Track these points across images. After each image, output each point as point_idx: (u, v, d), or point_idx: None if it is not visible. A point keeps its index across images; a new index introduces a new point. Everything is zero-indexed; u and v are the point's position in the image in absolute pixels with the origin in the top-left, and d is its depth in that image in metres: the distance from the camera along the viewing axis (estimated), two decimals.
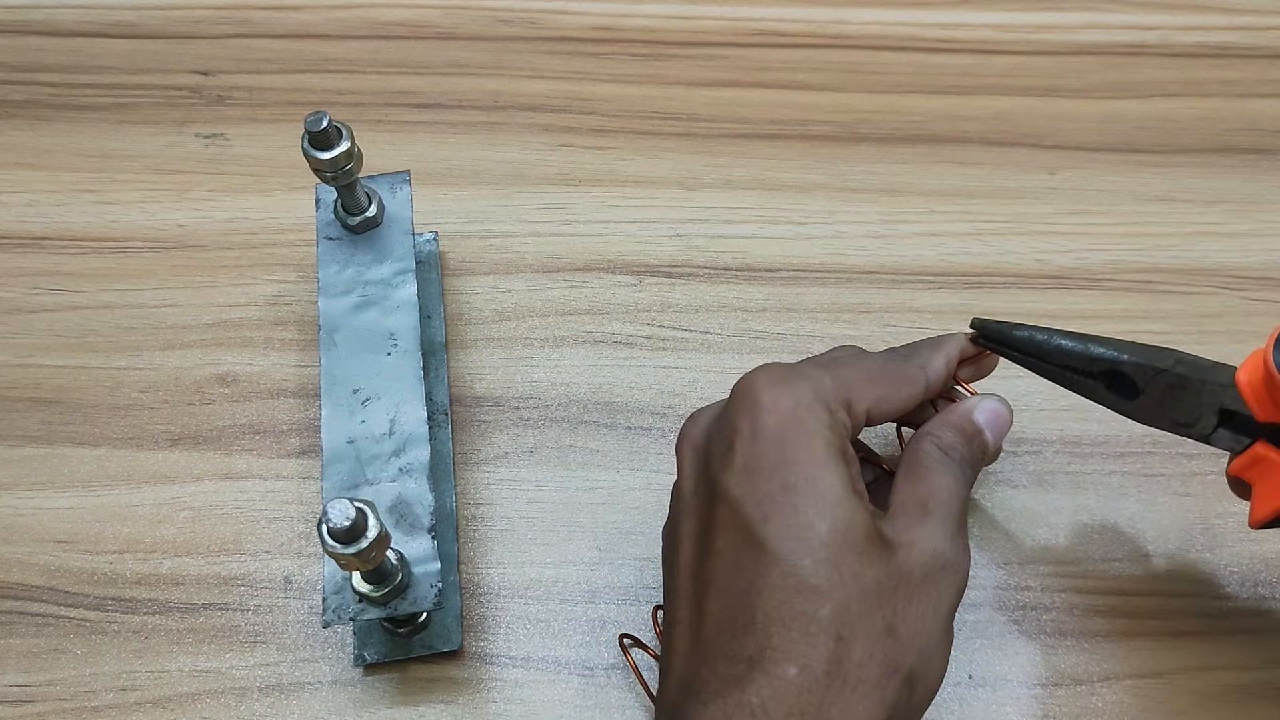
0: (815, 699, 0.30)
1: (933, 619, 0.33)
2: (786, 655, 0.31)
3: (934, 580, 0.33)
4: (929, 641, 0.33)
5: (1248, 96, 0.57)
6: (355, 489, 0.39)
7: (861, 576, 0.32)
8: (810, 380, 0.34)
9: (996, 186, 0.54)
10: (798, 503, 0.32)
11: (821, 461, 0.33)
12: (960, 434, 0.37)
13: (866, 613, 0.31)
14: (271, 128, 0.56)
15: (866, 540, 0.32)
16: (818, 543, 0.32)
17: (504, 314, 0.50)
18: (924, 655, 0.32)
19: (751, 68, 0.58)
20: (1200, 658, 0.42)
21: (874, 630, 0.31)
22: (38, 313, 0.50)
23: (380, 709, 0.42)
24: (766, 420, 0.33)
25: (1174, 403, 0.37)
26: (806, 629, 0.31)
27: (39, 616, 0.44)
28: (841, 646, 0.31)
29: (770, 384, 0.34)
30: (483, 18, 0.59)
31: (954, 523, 0.34)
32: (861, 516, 0.33)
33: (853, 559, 0.32)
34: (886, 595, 0.32)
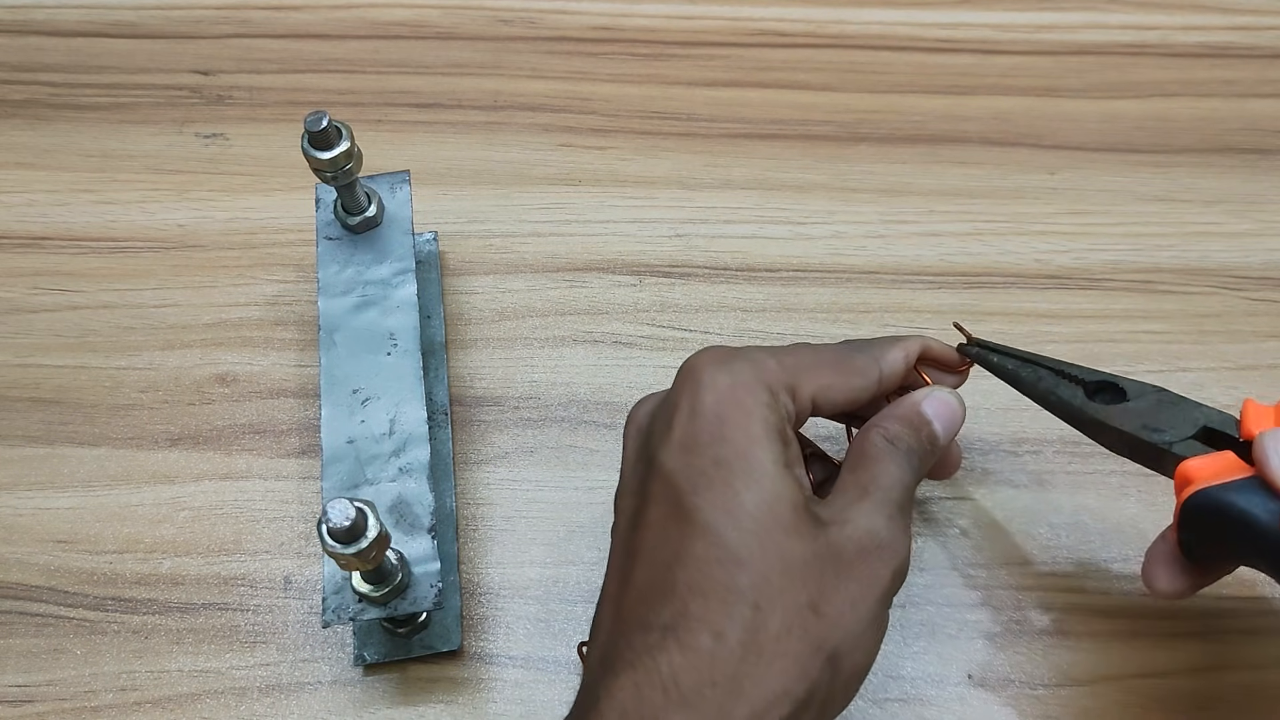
0: (729, 669, 0.30)
1: (863, 600, 0.32)
2: (702, 623, 0.31)
3: (866, 560, 0.33)
4: (858, 622, 0.32)
5: (1248, 96, 0.57)
6: (355, 489, 0.39)
7: (787, 551, 0.32)
8: (752, 362, 0.35)
9: (996, 186, 0.54)
10: (728, 477, 0.32)
11: (755, 438, 0.33)
12: (906, 424, 0.36)
13: (789, 587, 0.31)
14: (271, 128, 0.56)
15: (795, 516, 0.32)
16: (744, 515, 0.32)
17: (504, 314, 0.50)
18: (851, 635, 0.32)
19: (751, 68, 0.58)
20: (1200, 658, 0.42)
21: (796, 604, 0.31)
22: (38, 313, 0.50)
23: (380, 709, 0.42)
24: (705, 398, 0.34)
25: (1158, 413, 0.37)
26: (725, 598, 0.31)
27: (39, 616, 0.44)
28: (759, 616, 0.31)
29: (711, 364, 0.34)
30: (482, 18, 0.59)
31: (892, 506, 0.34)
32: (791, 492, 0.32)
33: (779, 534, 0.32)
34: (813, 572, 0.32)
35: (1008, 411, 0.47)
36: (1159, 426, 0.36)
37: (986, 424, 0.47)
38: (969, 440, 0.47)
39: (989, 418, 0.47)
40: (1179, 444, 0.36)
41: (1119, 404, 0.37)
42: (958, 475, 0.46)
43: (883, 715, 0.42)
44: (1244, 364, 0.49)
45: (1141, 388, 0.38)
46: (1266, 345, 0.49)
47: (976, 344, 0.41)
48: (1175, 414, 0.36)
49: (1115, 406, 0.37)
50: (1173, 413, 0.37)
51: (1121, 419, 0.37)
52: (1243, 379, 0.48)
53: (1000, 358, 0.40)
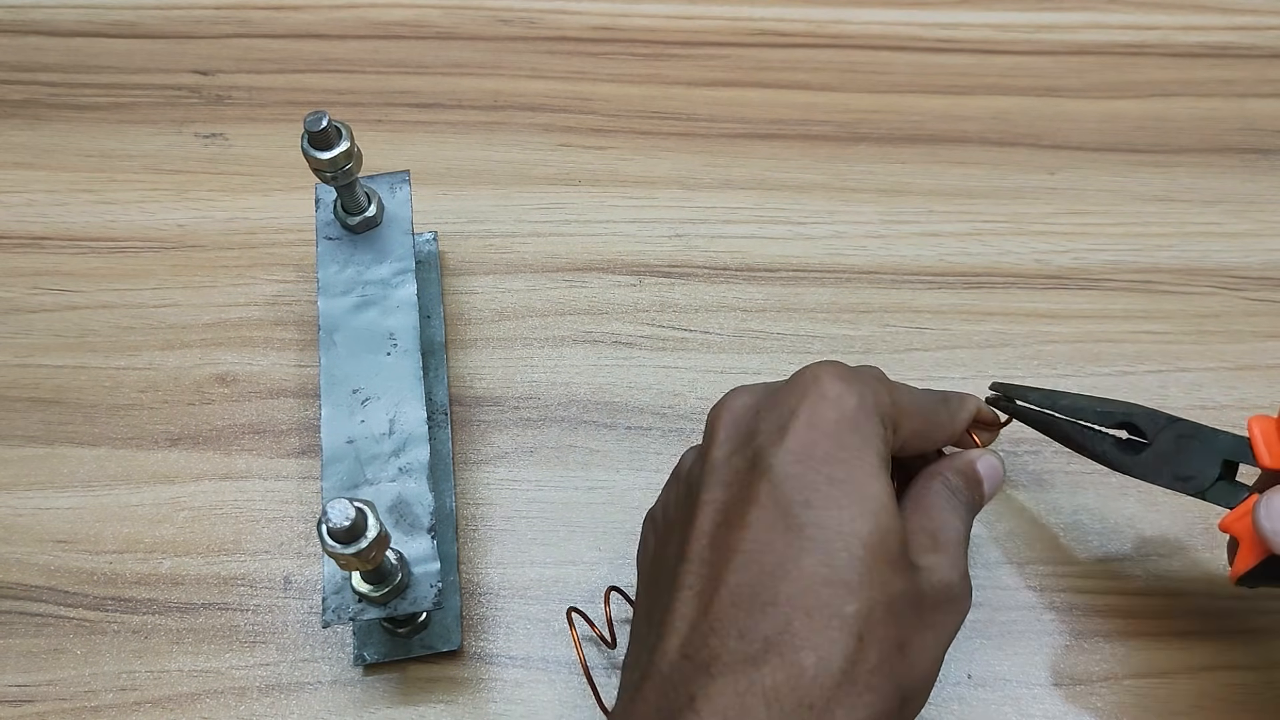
0: (826, 694, 0.30)
1: (934, 647, 0.33)
2: (806, 643, 0.30)
3: (943, 609, 0.34)
4: (928, 669, 0.33)
5: (1248, 96, 0.57)
6: (355, 489, 0.39)
7: (889, 586, 0.32)
8: (874, 389, 0.35)
9: (996, 186, 0.54)
10: (842, 498, 0.32)
11: (871, 468, 0.33)
12: (966, 479, 0.38)
13: (886, 622, 0.31)
14: (271, 128, 0.55)
15: (900, 553, 0.32)
16: (856, 540, 0.31)
17: (504, 314, 0.50)
18: (922, 680, 0.33)
19: (751, 68, 0.58)
20: (1200, 658, 0.42)
21: (890, 642, 0.31)
22: (37, 313, 0.50)
23: (380, 709, 0.42)
24: (827, 412, 0.33)
25: (1180, 454, 0.38)
26: (829, 621, 0.31)
27: (39, 616, 0.44)
28: (861, 647, 0.31)
29: (837, 379, 0.34)
30: (482, 18, 0.59)
31: (963, 560, 0.35)
32: (899, 529, 0.33)
33: (885, 568, 0.32)
34: (905, 612, 0.32)
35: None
36: (1185, 474, 0.38)
37: None
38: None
39: None
40: (1210, 490, 0.37)
41: (1143, 453, 0.39)
42: None
43: None
44: (1243, 364, 0.49)
45: (1155, 420, 0.38)
46: (1266, 345, 0.49)
47: (1007, 404, 0.42)
48: (1196, 454, 0.38)
49: (1141, 457, 0.39)
50: (1192, 453, 0.38)
51: (1150, 471, 0.39)
52: (1242, 379, 0.48)
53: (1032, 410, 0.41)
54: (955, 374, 0.49)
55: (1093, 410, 0.40)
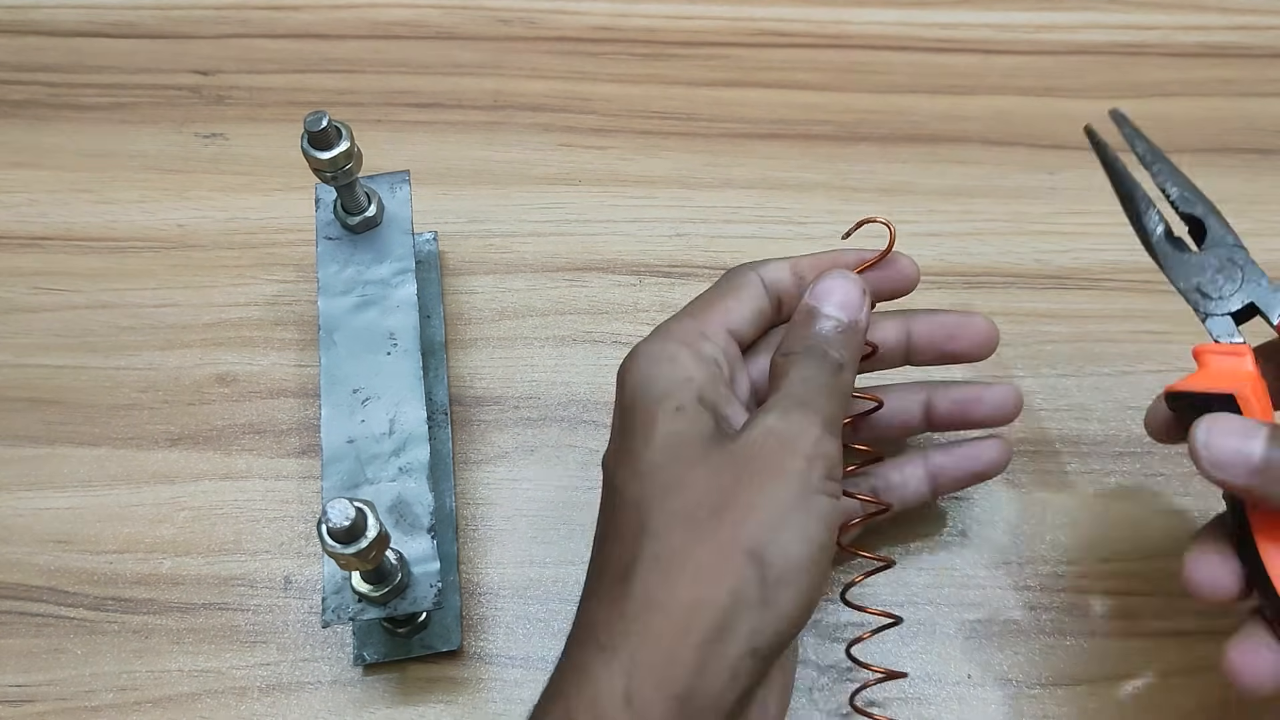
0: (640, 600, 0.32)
1: (772, 491, 0.32)
2: (611, 568, 0.33)
3: (768, 454, 0.33)
4: (771, 512, 0.32)
5: (1248, 96, 0.57)
6: (355, 489, 0.39)
7: (686, 478, 0.33)
8: (663, 331, 0.37)
9: (996, 186, 0.54)
10: (633, 444, 0.35)
11: (656, 398, 0.35)
12: (796, 328, 0.37)
13: (688, 508, 0.32)
14: (271, 127, 0.55)
15: (701, 445, 0.34)
16: (642, 466, 0.34)
17: (504, 314, 0.50)
18: (767, 527, 0.32)
19: (751, 68, 0.58)
20: (1200, 658, 0.42)
21: (695, 518, 0.32)
22: (37, 313, 0.50)
23: (380, 709, 0.42)
24: (624, 393, 0.36)
25: (1218, 273, 0.38)
26: (627, 539, 0.33)
27: (38, 616, 0.44)
28: (659, 541, 0.32)
29: (629, 357, 0.37)
30: (483, 18, 0.59)
31: (791, 402, 0.34)
32: (695, 427, 0.34)
33: (680, 468, 0.33)
34: (715, 484, 0.33)
35: None
36: (1209, 292, 0.38)
37: None
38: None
39: None
40: (1213, 319, 0.37)
41: (1189, 253, 0.38)
42: None
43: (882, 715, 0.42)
44: None
45: (1223, 236, 0.38)
46: None
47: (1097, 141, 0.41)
48: (1233, 279, 0.37)
49: (1184, 255, 0.38)
50: (1231, 277, 0.37)
51: (1181, 272, 0.38)
52: None
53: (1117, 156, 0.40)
54: (955, 374, 0.49)
55: (1178, 190, 0.39)
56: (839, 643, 0.42)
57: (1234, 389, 0.35)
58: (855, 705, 0.40)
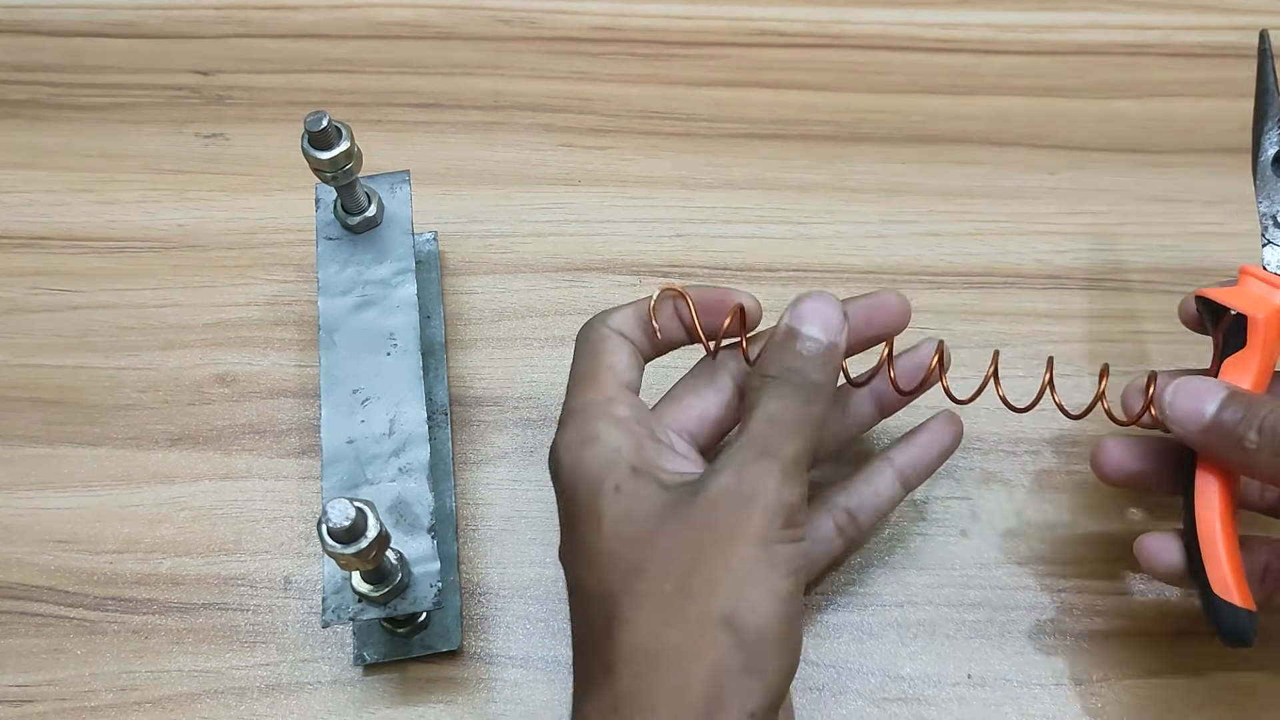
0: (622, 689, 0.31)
1: (733, 553, 0.32)
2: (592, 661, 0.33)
3: (725, 516, 0.32)
4: (736, 575, 0.31)
5: (1248, 96, 0.57)
6: (355, 489, 0.39)
7: (643, 558, 0.32)
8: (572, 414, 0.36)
9: (996, 186, 0.54)
10: (579, 533, 0.35)
11: (591, 486, 0.34)
12: (774, 349, 0.35)
13: (653, 589, 0.32)
14: (271, 128, 0.55)
15: (644, 524, 0.33)
16: (601, 559, 0.33)
17: (504, 314, 0.50)
18: (734, 590, 0.31)
19: (751, 68, 0.58)
20: (1200, 658, 0.42)
21: (663, 597, 0.32)
22: (38, 313, 0.50)
23: (380, 709, 0.42)
24: (559, 483, 0.36)
25: None
26: (600, 629, 0.33)
27: (39, 616, 0.44)
28: (630, 629, 0.32)
29: (552, 452, 0.36)
30: (483, 18, 0.59)
31: (750, 451, 0.33)
32: (637, 505, 0.33)
33: (632, 549, 0.33)
34: (674, 557, 0.32)
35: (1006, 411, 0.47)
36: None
37: (986, 424, 0.47)
38: (969, 440, 0.47)
39: (989, 417, 0.47)
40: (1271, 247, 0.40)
41: None
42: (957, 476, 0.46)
43: (882, 715, 0.42)
44: None
45: None
46: None
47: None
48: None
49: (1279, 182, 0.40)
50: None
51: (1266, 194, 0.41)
52: None
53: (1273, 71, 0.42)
54: (955, 374, 0.48)
55: None
56: None
57: (1253, 313, 0.38)
58: None
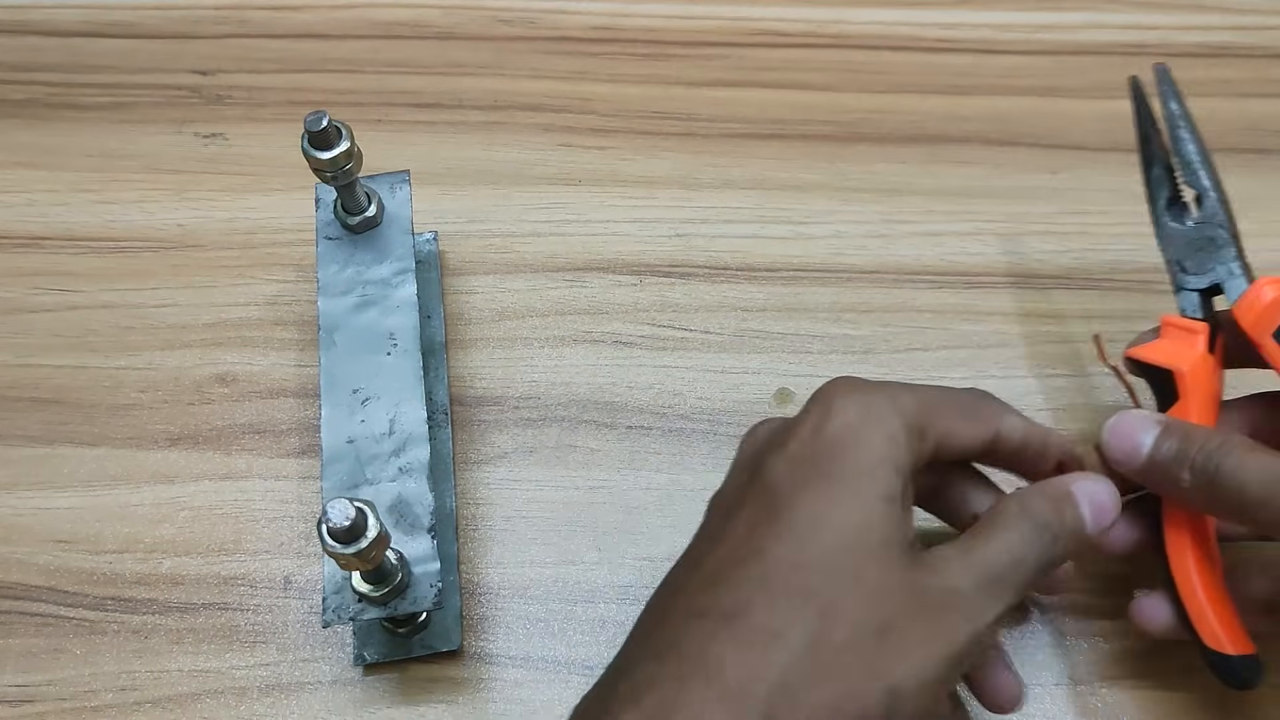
0: (780, 671, 0.30)
1: (931, 648, 0.31)
2: (763, 619, 0.31)
3: (945, 612, 0.32)
4: (923, 667, 0.31)
5: (1248, 96, 0.57)
6: (355, 489, 0.39)
7: (866, 574, 0.31)
8: (887, 394, 0.34)
9: (996, 186, 0.54)
10: (828, 489, 0.32)
11: (869, 467, 0.32)
12: (1047, 498, 0.35)
13: (860, 608, 0.31)
14: (271, 127, 0.55)
15: (885, 548, 0.32)
16: (832, 528, 0.31)
17: (504, 314, 0.50)
18: (915, 676, 0.31)
19: (751, 68, 0.58)
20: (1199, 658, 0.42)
21: (863, 626, 0.31)
22: (38, 313, 0.50)
23: (380, 709, 0.42)
24: (832, 421, 0.33)
25: (1201, 250, 0.40)
26: (792, 601, 0.31)
27: (39, 616, 0.44)
28: (823, 626, 0.30)
29: (846, 390, 0.34)
30: (483, 18, 0.59)
31: (990, 573, 0.32)
32: (888, 526, 0.32)
33: (862, 556, 0.31)
34: (889, 602, 0.31)
35: None
36: (1186, 267, 0.40)
37: None
38: None
39: None
40: (1183, 293, 0.40)
41: (1180, 222, 0.41)
42: None
43: None
44: None
45: (1213, 214, 0.40)
46: None
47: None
48: (1209, 259, 0.39)
49: (1177, 226, 0.41)
50: (1208, 257, 0.39)
51: (1168, 242, 0.41)
52: (1242, 379, 0.48)
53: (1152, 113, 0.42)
54: (955, 374, 0.49)
55: (1187, 159, 0.41)
56: None
57: (1177, 366, 0.38)
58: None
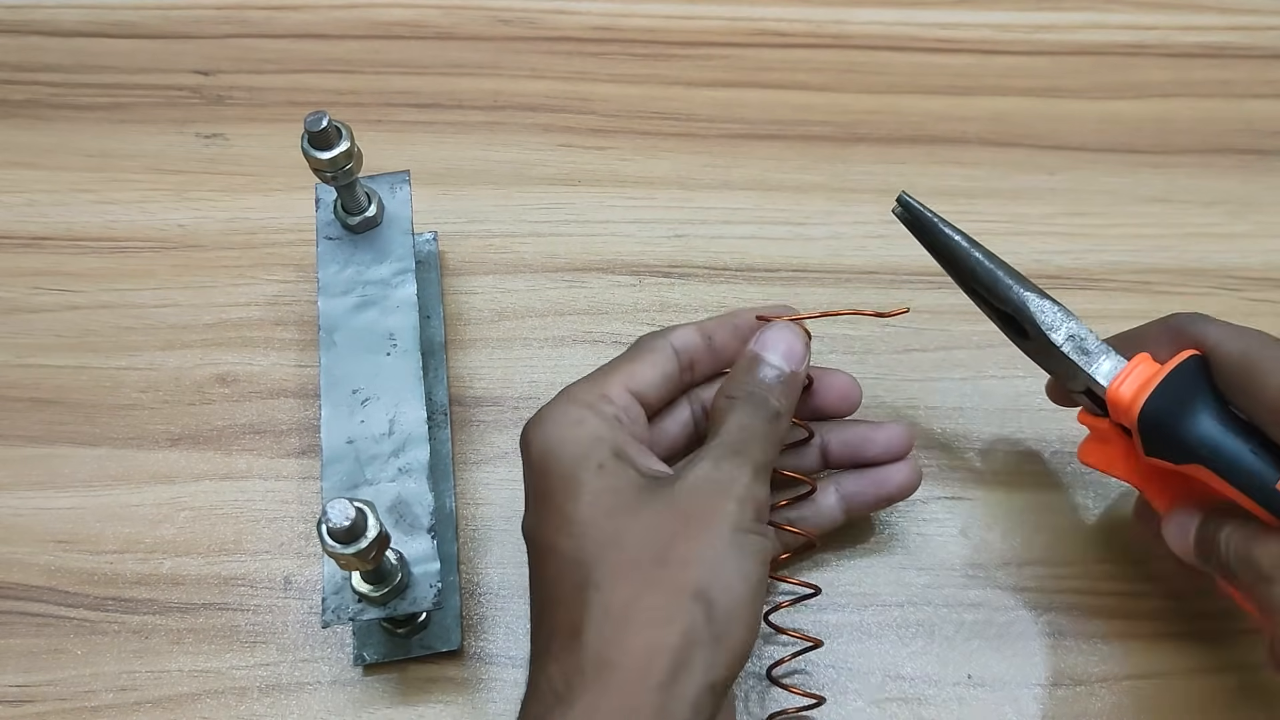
0: (593, 652, 0.32)
1: (710, 534, 0.34)
2: (561, 627, 0.34)
3: (701, 499, 0.35)
4: (712, 554, 0.33)
5: (1246, 97, 0.57)
6: (355, 489, 0.39)
7: (622, 530, 0.34)
8: (564, 395, 0.38)
9: (996, 187, 0.54)
10: (557, 503, 0.36)
11: (574, 458, 0.36)
12: (740, 372, 0.38)
13: (627, 556, 0.34)
14: (271, 128, 0.55)
15: (632, 497, 0.35)
16: (574, 523, 0.35)
17: (503, 314, 0.50)
18: (709, 568, 0.33)
19: (751, 68, 0.58)
20: (1199, 658, 0.43)
21: (638, 566, 0.33)
22: (38, 313, 0.50)
23: (380, 709, 0.42)
24: (531, 455, 0.37)
25: (1055, 363, 0.39)
26: (573, 596, 0.34)
27: (39, 616, 0.44)
28: (603, 594, 0.33)
29: (531, 423, 0.38)
30: (483, 18, 0.59)
31: (725, 449, 0.36)
32: (621, 480, 0.35)
33: (612, 520, 0.34)
34: (654, 532, 0.34)
35: (1005, 412, 0.48)
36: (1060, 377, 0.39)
37: (985, 424, 0.47)
38: (968, 440, 0.47)
39: (987, 418, 0.47)
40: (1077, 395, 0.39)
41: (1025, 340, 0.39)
42: (957, 475, 0.46)
43: (882, 715, 0.42)
44: None
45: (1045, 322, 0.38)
46: None
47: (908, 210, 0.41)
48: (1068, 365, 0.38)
49: (1023, 343, 0.40)
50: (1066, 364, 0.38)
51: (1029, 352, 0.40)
52: None
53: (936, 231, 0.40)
54: (955, 374, 0.49)
55: (993, 282, 0.39)
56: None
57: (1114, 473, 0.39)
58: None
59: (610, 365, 0.39)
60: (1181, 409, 0.35)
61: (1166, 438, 0.35)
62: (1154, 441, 0.36)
